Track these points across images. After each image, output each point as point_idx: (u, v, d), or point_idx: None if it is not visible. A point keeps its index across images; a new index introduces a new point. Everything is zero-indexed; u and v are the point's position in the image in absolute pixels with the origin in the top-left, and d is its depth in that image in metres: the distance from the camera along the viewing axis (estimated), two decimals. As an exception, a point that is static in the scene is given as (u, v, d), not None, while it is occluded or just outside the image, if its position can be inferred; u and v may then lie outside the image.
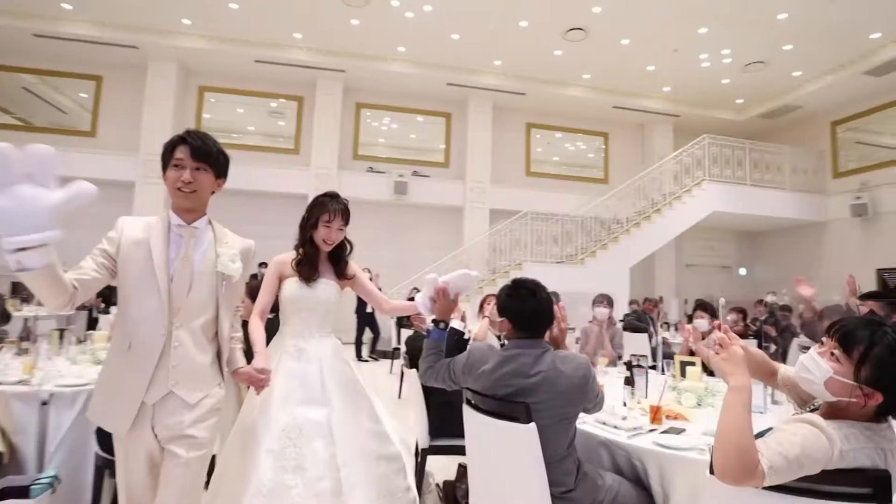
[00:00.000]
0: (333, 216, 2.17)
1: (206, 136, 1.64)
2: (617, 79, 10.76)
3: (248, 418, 2.00)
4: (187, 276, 1.59)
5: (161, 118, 9.95)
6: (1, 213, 1.09)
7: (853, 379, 1.15)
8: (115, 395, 1.55)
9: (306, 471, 1.87)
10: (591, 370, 1.79)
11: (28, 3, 8.69)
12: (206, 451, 1.61)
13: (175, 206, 1.62)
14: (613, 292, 8.38)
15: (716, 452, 1.13)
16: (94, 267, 1.48)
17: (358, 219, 9.64)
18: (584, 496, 1.70)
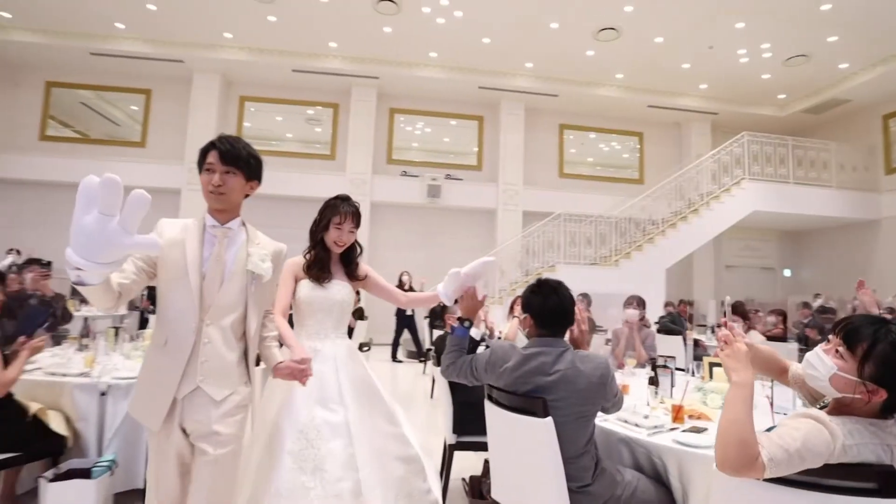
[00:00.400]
0: (344, 218, 2.18)
1: (237, 140, 1.68)
2: (651, 78, 10.59)
3: (266, 419, 2.01)
4: (219, 275, 1.63)
5: (205, 127, 10.41)
6: (86, 234, 1.18)
7: (857, 375, 1.18)
8: (150, 390, 1.61)
9: (325, 472, 1.87)
10: (609, 370, 1.83)
11: (85, 24, 9.28)
12: (234, 448, 1.64)
13: (209, 208, 1.68)
14: (648, 294, 8.29)
15: (717, 445, 1.18)
16: (133, 270, 1.56)
17: (392, 222, 9.95)
18: (601, 491, 1.75)
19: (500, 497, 2.00)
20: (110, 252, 1.22)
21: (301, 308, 2.18)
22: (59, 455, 2.41)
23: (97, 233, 1.18)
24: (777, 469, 1.12)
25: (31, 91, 10.61)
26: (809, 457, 1.12)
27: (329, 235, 2.19)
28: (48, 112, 10.75)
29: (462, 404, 2.80)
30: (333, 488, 1.85)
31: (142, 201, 1.19)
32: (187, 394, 1.58)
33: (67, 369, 2.70)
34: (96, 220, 1.17)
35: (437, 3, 8.34)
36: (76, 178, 4.50)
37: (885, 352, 1.16)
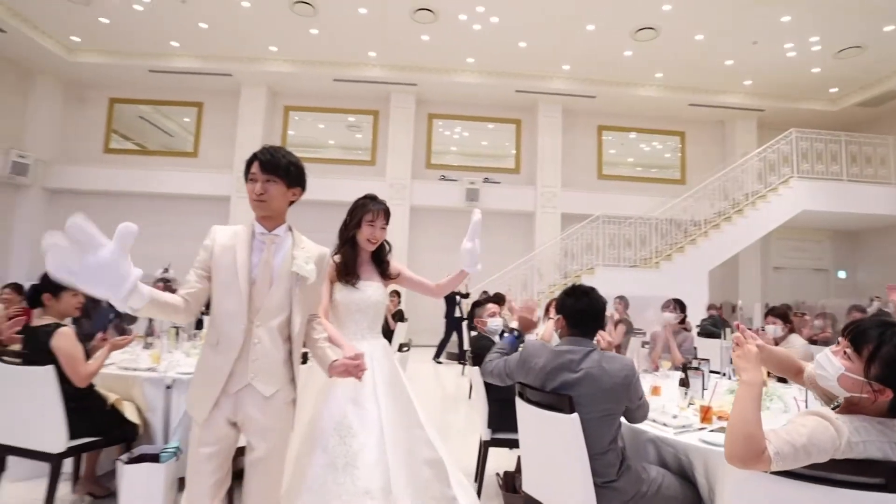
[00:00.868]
0: (376, 216, 2.23)
1: (277, 150, 1.74)
2: (692, 76, 10.38)
3: (302, 417, 2.01)
4: (267, 279, 1.71)
5: (252, 137, 10.91)
6: (91, 289, 1.31)
7: (863, 376, 1.24)
8: (202, 384, 1.69)
9: (356, 469, 1.90)
10: (634, 372, 1.91)
11: (144, 44, 9.92)
12: (282, 442, 1.73)
13: (255, 215, 1.77)
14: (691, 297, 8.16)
15: (726, 439, 1.26)
16: (195, 279, 1.68)
17: (430, 226, 10.13)
18: (627, 487, 1.84)
19: (530, 490, 2.11)
20: (114, 272, 1.32)
21: (338, 310, 2.21)
22: (132, 441, 2.68)
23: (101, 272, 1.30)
24: (783, 462, 1.20)
25: (97, 107, 11.41)
26: (815, 452, 1.19)
27: (361, 233, 2.23)
28: (111, 126, 11.53)
29: (497, 402, 2.92)
30: (364, 485, 1.87)
31: (76, 225, 1.28)
32: (239, 390, 1.66)
33: (137, 365, 2.98)
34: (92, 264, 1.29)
35: (473, 10, 8.48)
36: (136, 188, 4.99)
37: (890, 353, 1.21)
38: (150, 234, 11.00)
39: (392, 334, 6.88)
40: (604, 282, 8.90)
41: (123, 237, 1.33)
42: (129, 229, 1.34)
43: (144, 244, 11.80)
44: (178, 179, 10.94)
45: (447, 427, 4.77)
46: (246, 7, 8.56)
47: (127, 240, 1.34)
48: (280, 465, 1.75)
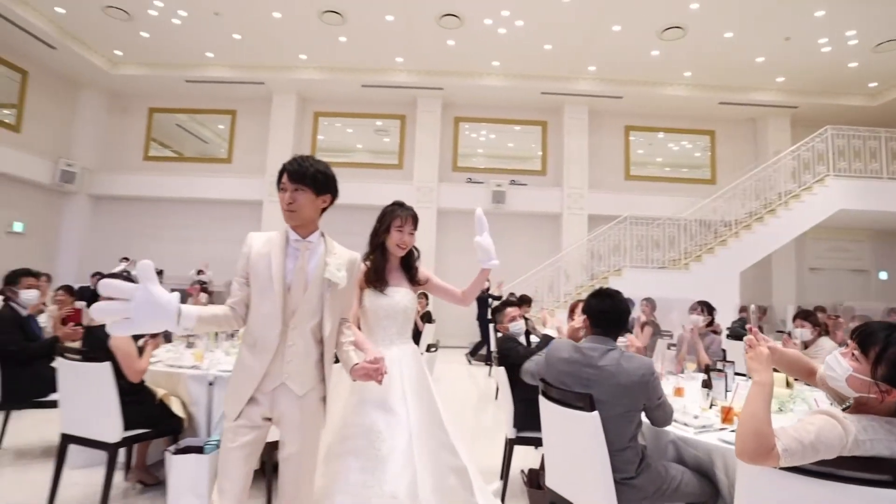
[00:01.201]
0: (405, 221, 2.27)
1: (304, 159, 1.79)
2: (722, 74, 10.22)
3: (333, 418, 2.06)
4: (302, 285, 1.77)
5: (283, 142, 11.24)
6: (150, 328, 1.53)
7: (870, 376, 1.30)
8: (238, 383, 1.75)
9: (385, 473, 1.93)
10: (653, 371, 1.97)
11: (181, 55, 10.35)
12: (314, 439, 1.81)
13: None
14: (721, 298, 8.05)
15: (737, 435, 1.33)
16: (238, 287, 1.78)
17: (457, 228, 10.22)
18: (646, 484, 1.91)
19: (553, 486, 2.20)
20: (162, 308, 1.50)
21: (367, 316, 2.23)
22: (179, 433, 2.87)
23: (149, 310, 1.48)
24: (791, 459, 1.26)
25: (137, 117, 11.92)
26: (823, 448, 1.25)
27: (391, 239, 2.26)
28: (150, 135, 12.03)
29: (522, 402, 3.01)
30: (391, 489, 1.90)
31: (147, 266, 1.50)
32: (273, 388, 1.73)
33: (182, 363, 3.17)
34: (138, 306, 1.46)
35: (498, 15, 8.56)
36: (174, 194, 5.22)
37: (895, 355, 1.26)
38: (186, 238, 11.54)
39: (420, 336, 7.01)
40: (631, 283, 8.84)
41: (145, 273, 1.49)
42: (146, 266, 1.50)
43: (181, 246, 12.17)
44: (212, 184, 11.33)
45: (474, 427, 4.86)
46: (277, 17, 8.85)
47: (149, 273, 1.50)
48: (312, 460, 1.82)
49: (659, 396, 1.98)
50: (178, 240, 11.31)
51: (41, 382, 3.34)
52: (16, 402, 3.33)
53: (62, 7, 8.70)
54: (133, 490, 2.96)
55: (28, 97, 10.12)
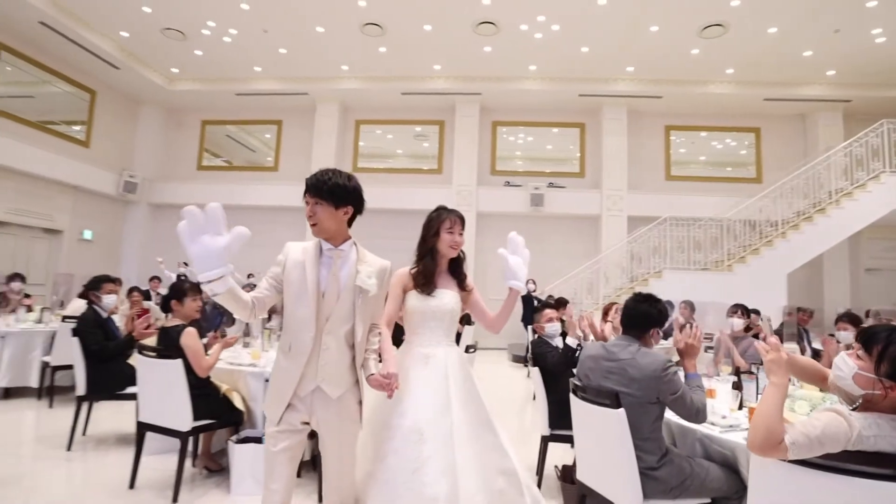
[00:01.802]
0: (454, 223, 2.29)
1: (324, 173, 1.85)
2: (767, 70, 9.94)
3: (376, 419, 2.10)
4: (335, 291, 1.84)
5: (326, 150, 11.68)
6: (193, 257, 1.55)
7: (874, 373, 1.41)
8: (277, 387, 1.83)
9: (426, 475, 1.93)
10: (665, 367, 2.07)
11: (231, 71, 10.95)
12: (351, 439, 1.90)
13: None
14: (767, 301, 7.88)
15: (750, 429, 1.46)
16: (265, 287, 1.85)
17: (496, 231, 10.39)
18: (668, 477, 2.02)
19: (583, 479, 2.34)
20: (216, 258, 1.56)
21: (413, 318, 2.26)
22: (239, 425, 3.16)
23: (201, 250, 1.55)
24: (798, 451, 1.37)
25: (191, 129, 12.66)
26: (828, 442, 1.35)
27: (442, 241, 2.27)
28: (203, 146, 12.74)
29: (555, 402, 3.14)
30: (431, 491, 1.90)
31: (213, 211, 1.57)
32: (309, 392, 1.80)
33: (240, 361, 3.47)
34: (193, 242, 1.55)
35: (534, 20, 8.66)
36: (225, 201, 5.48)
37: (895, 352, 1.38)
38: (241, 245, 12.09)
39: (460, 337, 7.19)
40: (672, 285, 8.76)
41: (238, 237, 1.60)
42: (242, 232, 1.61)
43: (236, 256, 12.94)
44: (260, 191, 11.88)
45: (513, 426, 5.00)
46: (320, 31, 9.24)
47: (240, 239, 1.60)
48: (351, 457, 1.91)
49: (673, 392, 2.05)
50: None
51: (119, 377, 3.73)
52: (98, 395, 3.73)
53: (126, 31, 9.39)
54: (200, 475, 3.27)
55: (96, 115, 10.94)
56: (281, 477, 1.81)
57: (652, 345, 2.28)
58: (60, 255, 10.36)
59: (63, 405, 4.88)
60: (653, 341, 2.28)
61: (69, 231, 10.52)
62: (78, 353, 3.63)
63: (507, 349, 10.16)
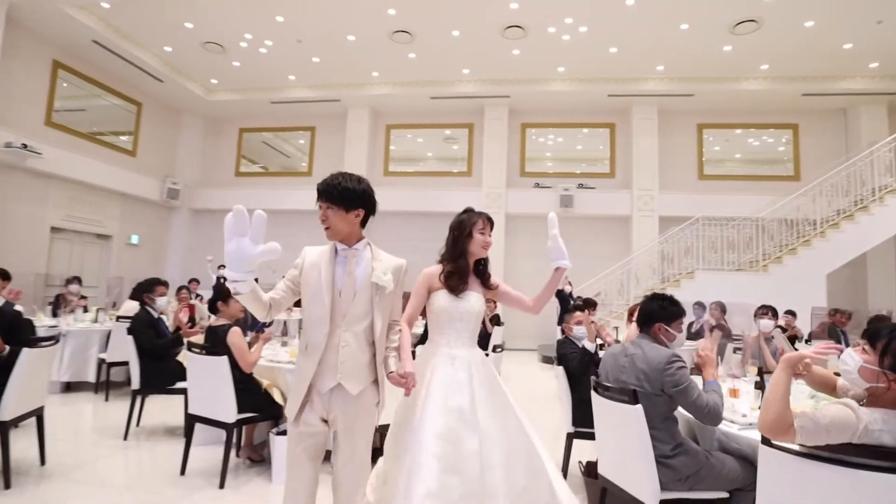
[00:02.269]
0: (485, 224, 2.36)
1: (334, 178, 1.89)
2: (804, 64, 9.69)
3: (403, 418, 2.15)
4: (351, 289, 1.88)
5: (358, 154, 11.97)
6: (228, 253, 1.64)
7: (878, 366, 1.50)
8: (294, 385, 1.88)
9: (463, 473, 1.97)
10: (671, 361, 2.17)
11: (267, 80, 11.36)
12: (370, 436, 1.91)
13: None
14: (805, 302, 7.70)
15: (761, 413, 1.56)
16: (282, 289, 1.91)
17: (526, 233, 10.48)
18: (682, 467, 2.11)
19: (604, 472, 2.43)
20: (247, 263, 1.65)
21: (440, 318, 2.29)
22: (279, 418, 3.37)
23: (236, 250, 1.64)
24: (806, 436, 1.46)
25: (229, 137, 13.17)
26: (835, 431, 1.44)
27: (474, 242, 2.31)
28: (241, 153, 13.24)
29: (579, 400, 3.23)
30: (468, 489, 1.96)
31: (258, 218, 1.65)
32: (330, 389, 1.82)
33: (279, 358, 3.68)
34: (232, 241, 1.63)
35: (561, 22, 8.70)
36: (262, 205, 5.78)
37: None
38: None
39: (489, 338, 7.30)
40: (705, 287, 8.65)
41: (270, 251, 1.68)
42: (275, 248, 1.69)
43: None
44: (295, 196, 12.22)
45: (541, 424, 5.08)
46: (351, 40, 9.51)
47: (271, 254, 1.67)
48: (366, 456, 1.90)
49: (676, 385, 2.13)
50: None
51: (169, 373, 4.02)
52: (150, 389, 4.01)
53: (169, 46, 9.88)
54: (243, 465, 3.51)
55: (141, 125, 11.53)
56: (303, 477, 1.85)
57: (662, 340, 2.35)
58: (111, 259, 10.96)
59: (117, 399, 5.25)
60: (663, 337, 2.36)
61: (118, 236, 11.12)
62: (133, 351, 3.93)
63: (536, 350, 10.21)
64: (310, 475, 1.87)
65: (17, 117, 8.66)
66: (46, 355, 3.17)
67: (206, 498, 2.95)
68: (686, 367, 2.20)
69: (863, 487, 1.44)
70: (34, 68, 9.03)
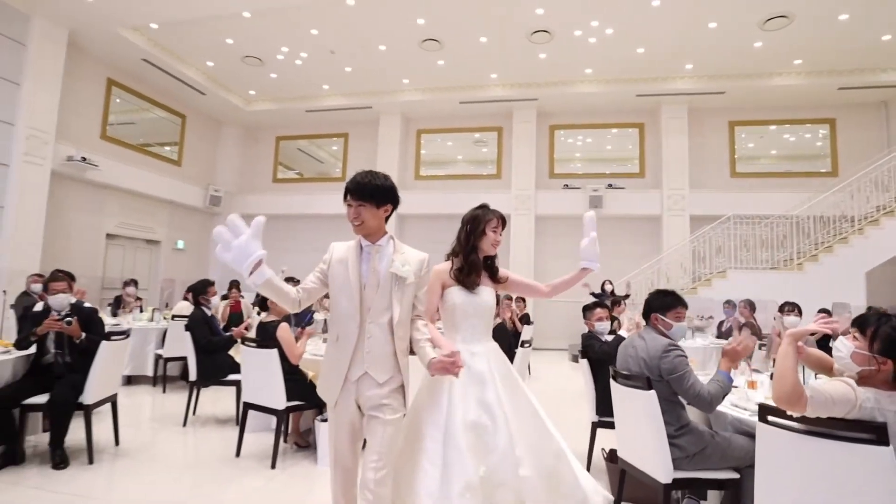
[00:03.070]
0: (498, 222, 2.39)
1: (364, 176, 1.99)
2: (840, 57, 9.49)
3: (426, 411, 2.15)
4: (375, 283, 1.97)
5: (390, 159, 12.32)
6: (230, 262, 1.75)
7: (868, 351, 1.68)
8: (328, 374, 2.00)
9: (493, 462, 2.04)
10: (667, 351, 2.38)
11: (302, 90, 11.84)
12: (399, 417, 1.97)
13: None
14: (843, 301, 7.58)
15: (775, 385, 1.72)
16: (313, 280, 2.02)
17: (555, 234, 10.62)
18: (687, 445, 2.30)
19: (622, 455, 2.62)
20: (243, 253, 1.74)
21: (456, 314, 2.31)
22: (323, 407, 3.65)
23: (234, 255, 1.75)
24: (815, 407, 1.62)
25: (266, 145, 13.74)
26: (839, 404, 1.61)
27: (486, 240, 2.35)
28: (278, 160, 13.79)
29: (602, 391, 3.41)
30: (499, 478, 2.02)
31: (232, 219, 1.78)
32: (358, 377, 1.94)
33: (321, 352, 3.99)
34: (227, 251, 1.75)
35: (587, 26, 8.81)
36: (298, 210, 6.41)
37: (886, 332, 1.66)
38: (310, 249, 12.99)
39: (519, 336, 7.48)
40: (737, 286, 8.60)
41: (256, 227, 1.79)
42: (258, 220, 1.79)
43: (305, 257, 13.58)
44: (329, 201, 12.59)
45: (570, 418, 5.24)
46: (382, 50, 9.85)
47: (258, 228, 1.78)
48: (396, 436, 1.97)
49: (671, 372, 2.34)
50: (302, 251, 12.77)
51: (223, 367, 4.40)
52: (206, 381, 4.39)
53: (211, 61, 10.45)
54: (291, 449, 3.83)
55: (185, 136, 12.19)
56: (345, 459, 1.97)
57: (661, 330, 2.53)
58: (159, 263, 11.62)
59: (173, 391, 5.68)
60: (661, 326, 2.54)
61: (165, 241, 11.77)
62: (190, 347, 4.31)
63: (567, 349, 10.31)
64: (352, 457, 1.99)
65: (77, 132, 9.33)
66: (119, 348, 3.56)
67: (260, 477, 3.27)
68: (684, 356, 2.37)
69: (852, 459, 1.60)
70: (91, 87, 9.72)
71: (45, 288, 3.52)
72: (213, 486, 3.13)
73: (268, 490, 3.10)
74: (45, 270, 7.24)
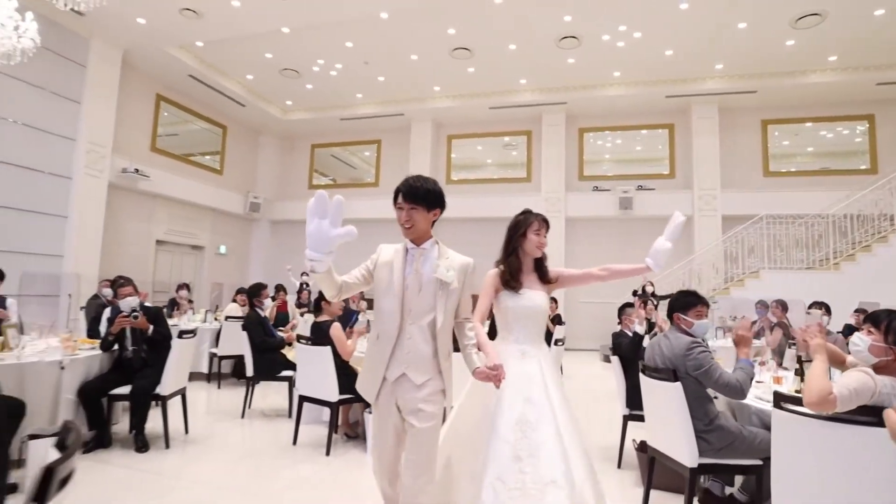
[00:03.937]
0: (541, 225, 2.42)
1: (416, 180, 2.01)
2: (877, 53, 9.33)
3: (480, 413, 2.19)
4: (417, 285, 2.01)
5: (421, 164, 12.62)
6: (310, 234, 1.70)
7: (884, 342, 1.88)
8: (368, 372, 2.05)
9: (539, 459, 2.03)
10: (691, 348, 2.55)
11: (336, 99, 12.28)
12: (436, 423, 1.98)
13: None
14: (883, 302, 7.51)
15: (805, 392, 1.87)
16: (356, 276, 2.05)
17: (586, 236, 10.78)
18: (715, 441, 2.47)
19: (651, 443, 2.82)
20: (326, 244, 1.72)
21: (506, 316, 2.37)
22: (371, 400, 3.96)
23: (316, 231, 1.71)
24: (843, 403, 1.78)
25: (302, 153, 14.27)
26: (862, 394, 1.79)
27: (529, 243, 2.38)
28: (313, 167, 14.29)
29: (632, 385, 3.60)
30: (549, 474, 2.00)
31: (338, 202, 1.72)
32: (396, 378, 1.97)
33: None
34: (313, 222, 1.71)
35: (615, 30, 8.93)
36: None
37: None
38: (345, 253, 13.36)
39: (551, 336, 7.67)
40: (771, 286, 8.57)
41: (348, 233, 1.74)
42: (351, 231, 1.75)
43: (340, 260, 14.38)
44: (363, 206, 13.06)
45: (601, 415, 5.42)
46: (414, 59, 10.18)
47: (348, 236, 1.74)
48: (434, 442, 1.99)
49: (697, 367, 2.51)
50: (338, 255, 13.25)
51: (277, 364, 4.78)
52: (261, 376, 4.76)
53: (251, 74, 10.98)
54: (341, 439, 4.15)
55: (227, 146, 12.79)
56: (387, 452, 2.01)
57: (683, 328, 2.70)
58: (203, 267, 12.22)
59: (227, 387, 6.10)
60: (682, 325, 2.72)
61: (209, 247, 12.38)
62: (246, 345, 4.68)
63: (598, 350, 10.41)
64: (393, 453, 2.03)
65: (130, 145, 9.96)
66: (189, 346, 3.94)
67: (316, 462, 3.59)
68: (708, 351, 2.55)
69: (866, 443, 1.78)
70: (142, 102, 10.36)
71: (115, 293, 3.92)
72: (274, 470, 3.46)
73: (324, 474, 3.41)
74: (104, 276, 7.82)
